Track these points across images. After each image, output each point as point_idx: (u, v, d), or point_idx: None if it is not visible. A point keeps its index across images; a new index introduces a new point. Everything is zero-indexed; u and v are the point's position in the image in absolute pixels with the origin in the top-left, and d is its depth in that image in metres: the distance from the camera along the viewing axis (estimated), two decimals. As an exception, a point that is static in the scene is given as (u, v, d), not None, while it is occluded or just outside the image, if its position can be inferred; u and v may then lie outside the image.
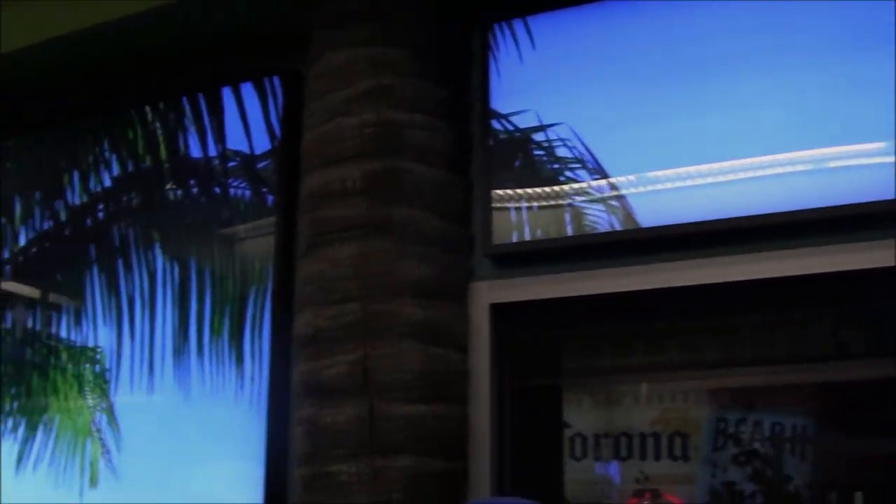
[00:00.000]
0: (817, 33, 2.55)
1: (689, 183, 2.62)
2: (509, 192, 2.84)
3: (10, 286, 4.05)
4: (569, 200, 2.76)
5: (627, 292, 2.63)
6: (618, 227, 2.69)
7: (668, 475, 2.94)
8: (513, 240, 2.83)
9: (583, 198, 2.74)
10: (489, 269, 2.84)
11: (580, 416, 3.00)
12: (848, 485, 2.69)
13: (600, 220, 2.71)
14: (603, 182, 2.72)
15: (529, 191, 2.83)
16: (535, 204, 2.81)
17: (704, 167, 2.61)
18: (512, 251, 2.82)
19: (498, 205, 2.83)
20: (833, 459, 2.77)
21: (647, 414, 2.99)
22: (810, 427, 2.79)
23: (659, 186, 2.65)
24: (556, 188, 2.79)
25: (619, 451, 2.90)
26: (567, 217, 2.76)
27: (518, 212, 2.83)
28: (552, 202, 2.78)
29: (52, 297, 3.93)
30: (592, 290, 2.67)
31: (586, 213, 2.73)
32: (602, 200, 2.71)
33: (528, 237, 2.82)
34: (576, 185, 2.76)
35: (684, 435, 2.90)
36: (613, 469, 3.08)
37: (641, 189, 2.67)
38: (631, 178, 2.69)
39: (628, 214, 2.68)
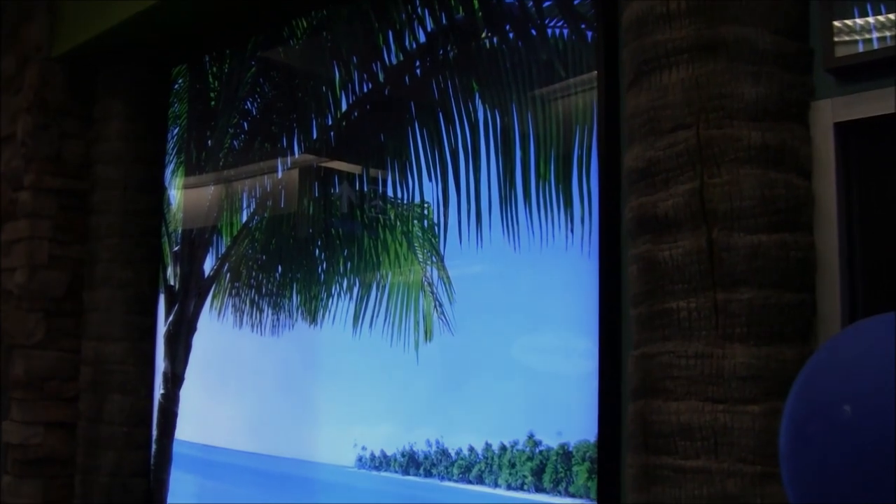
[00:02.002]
0: None
1: None
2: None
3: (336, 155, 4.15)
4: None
5: None
6: None
7: None
8: (857, 50, 2.57)
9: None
10: (832, 86, 2.61)
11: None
12: None
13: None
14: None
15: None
16: (882, 6, 2.54)
17: None
18: (857, 63, 2.57)
19: (839, 13, 2.59)
20: None
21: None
22: None
23: None
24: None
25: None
26: (922, 19, 2.49)
27: (863, 17, 2.57)
28: (903, 3, 2.51)
29: (377, 158, 3.98)
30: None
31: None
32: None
33: (876, 45, 2.56)
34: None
35: None
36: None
37: None
38: None
39: None
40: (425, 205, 3.70)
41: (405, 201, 3.80)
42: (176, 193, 5.25)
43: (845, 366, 1.13)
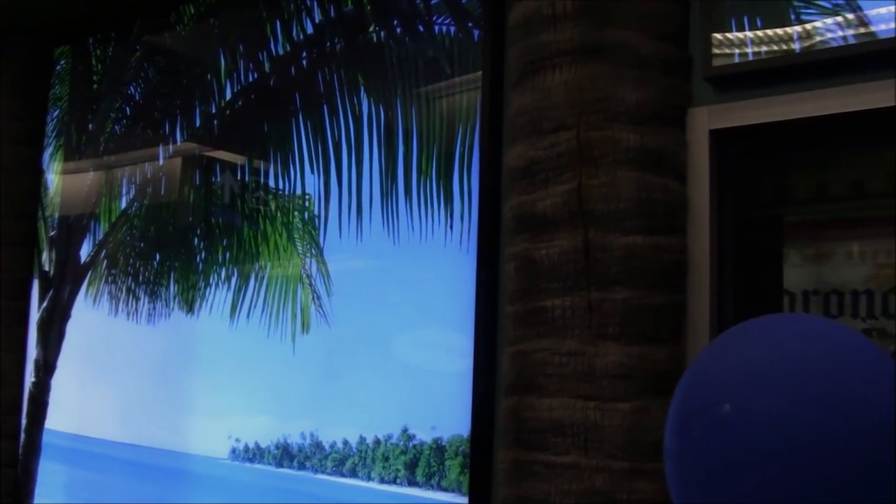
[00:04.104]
0: None
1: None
2: (729, 7, 2.65)
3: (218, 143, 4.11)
4: (795, 15, 2.55)
5: (862, 111, 2.43)
6: (852, 42, 2.47)
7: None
8: (734, 61, 2.64)
9: (812, 10, 2.53)
10: (709, 94, 2.67)
11: (788, 273, 2.85)
12: None
13: (832, 34, 2.50)
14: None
15: (751, 8, 2.63)
16: (757, 20, 2.61)
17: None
18: (733, 73, 2.64)
19: (718, 24, 2.65)
20: None
21: (861, 271, 2.81)
22: None
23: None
24: (781, 4, 2.58)
25: (829, 308, 2.74)
26: (794, 34, 2.56)
27: (740, 30, 2.64)
28: (776, 18, 2.58)
29: (260, 148, 3.96)
30: (822, 111, 2.48)
31: (815, 27, 2.52)
32: (834, 13, 2.49)
33: (751, 57, 2.63)
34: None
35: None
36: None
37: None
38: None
39: (865, 25, 2.46)
40: (306, 197, 3.69)
41: (286, 193, 3.78)
42: (54, 177, 5.14)
43: (727, 365, 1.17)
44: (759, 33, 2.61)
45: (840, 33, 2.47)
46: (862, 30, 2.45)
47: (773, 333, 1.22)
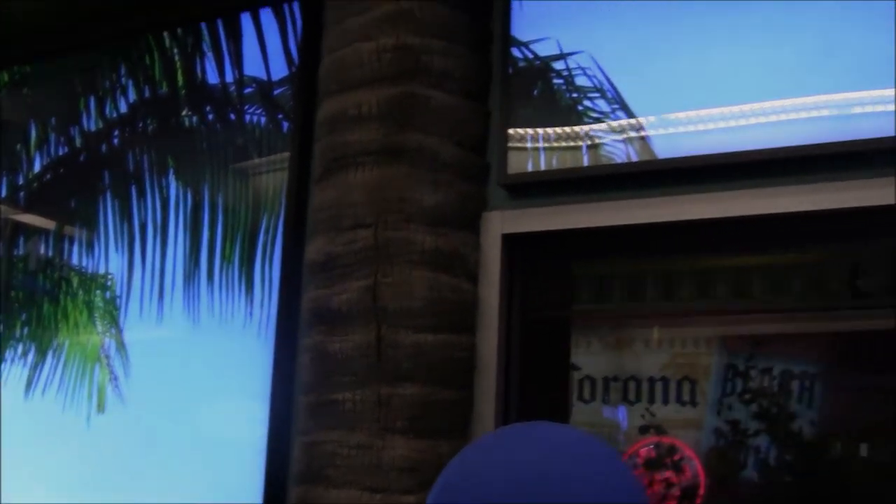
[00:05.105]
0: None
1: (709, 123, 2.56)
2: (526, 120, 2.79)
3: (24, 215, 4.05)
4: (586, 131, 2.71)
5: (642, 224, 2.58)
6: (635, 159, 2.63)
7: (675, 419, 2.92)
8: (528, 169, 2.77)
9: (600, 128, 2.68)
10: (503, 199, 2.79)
11: (589, 359, 2.97)
12: (855, 436, 2.66)
13: (617, 151, 2.65)
14: (621, 113, 2.66)
15: (546, 120, 2.77)
16: (552, 133, 2.76)
17: (727, 108, 2.54)
18: (526, 181, 2.77)
19: (514, 134, 2.78)
20: (842, 408, 2.73)
21: (658, 358, 2.96)
22: (822, 375, 2.76)
23: (678, 122, 2.59)
24: (574, 118, 2.74)
25: (627, 395, 2.88)
26: (584, 148, 2.71)
27: (535, 141, 2.78)
28: (569, 132, 2.73)
29: (66, 224, 3.91)
30: (606, 222, 2.63)
31: (603, 145, 2.68)
32: (620, 132, 2.65)
33: (543, 167, 2.77)
34: (594, 116, 2.70)
35: (693, 380, 2.88)
36: (622, 413, 3.06)
37: (660, 123, 2.61)
38: (650, 111, 2.63)
39: (646, 146, 2.62)
40: (109, 276, 3.66)
41: (89, 270, 3.74)
42: None
43: (474, 473, 1.22)
44: (554, 143, 2.75)
45: (623, 148, 2.63)
46: (642, 149, 2.62)
47: (517, 441, 1.30)
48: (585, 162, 2.69)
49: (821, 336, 2.89)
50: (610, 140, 2.65)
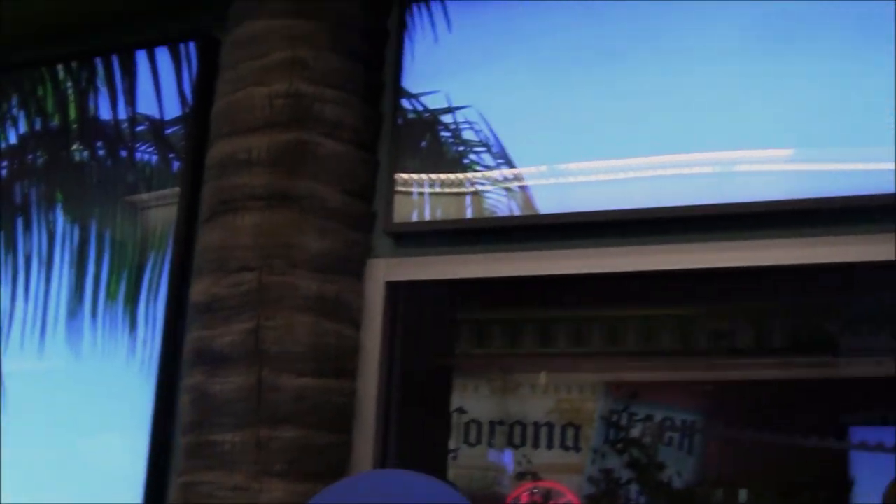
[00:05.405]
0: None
1: (591, 177, 2.64)
2: (413, 171, 2.84)
3: None
4: (471, 184, 2.77)
5: (523, 277, 2.65)
6: (518, 213, 2.70)
7: (558, 464, 2.98)
8: (413, 219, 2.83)
9: (485, 182, 2.75)
10: (388, 247, 2.84)
11: (476, 403, 3.03)
12: (732, 482, 2.74)
13: (501, 204, 2.72)
14: (505, 167, 2.73)
15: (433, 171, 2.83)
16: (437, 184, 2.82)
17: (608, 162, 2.63)
18: (411, 230, 2.83)
19: (401, 183, 2.83)
20: (720, 456, 2.82)
21: (543, 404, 3.02)
22: (700, 422, 2.84)
23: (562, 178, 2.67)
24: (460, 170, 2.80)
25: (512, 439, 2.93)
26: (468, 200, 2.77)
27: (421, 192, 2.83)
28: (455, 184, 2.79)
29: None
30: (488, 273, 2.69)
31: (487, 198, 2.75)
32: (504, 185, 2.72)
33: (428, 217, 2.83)
34: (479, 169, 2.77)
35: (577, 426, 2.94)
36: (507, 457, 3.11)
37: (543, 178, 2.69)
38: (534, 165, 2.70)
39: (528, 201, 2.70)
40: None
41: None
42: None
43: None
44: (439, 190, 2.81)
45: (506, 199, 2.70)
46: (524, 201, 2.69)
47: (366, 488, 1.33)
48: (469, 211, 2.75)
49: (697, 384, 2.98)
50: (493, 189, 2.72)
